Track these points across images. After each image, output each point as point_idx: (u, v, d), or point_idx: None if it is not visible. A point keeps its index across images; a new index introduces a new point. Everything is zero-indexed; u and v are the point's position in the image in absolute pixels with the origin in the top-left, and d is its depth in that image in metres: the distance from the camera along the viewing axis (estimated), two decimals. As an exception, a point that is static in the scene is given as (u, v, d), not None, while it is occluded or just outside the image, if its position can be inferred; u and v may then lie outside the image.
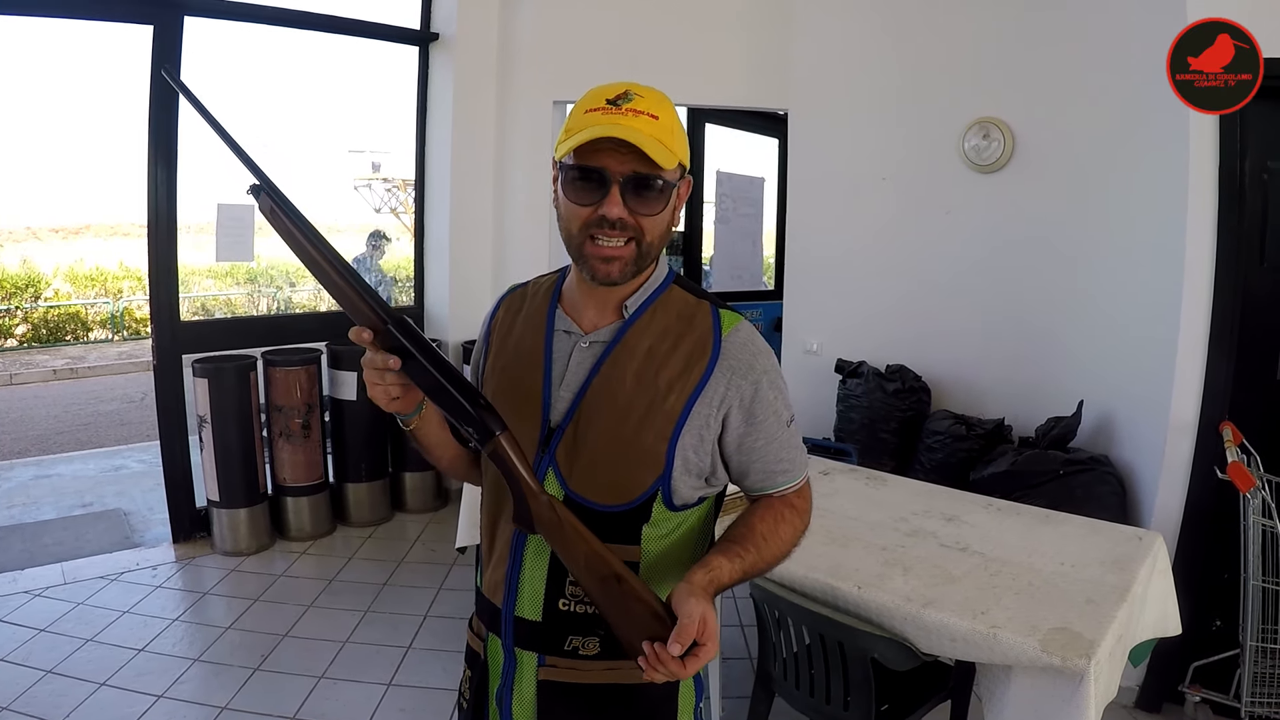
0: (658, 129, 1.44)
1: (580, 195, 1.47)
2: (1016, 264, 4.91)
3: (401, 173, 18.88)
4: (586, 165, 1.45)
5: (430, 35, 6.16)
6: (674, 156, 1.46)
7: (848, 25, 5.49)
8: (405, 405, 1.49)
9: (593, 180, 1.45)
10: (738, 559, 1.47)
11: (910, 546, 2.91)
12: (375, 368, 1.41)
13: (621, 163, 1.43)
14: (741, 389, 1.54)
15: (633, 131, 1.41)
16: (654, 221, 1.49)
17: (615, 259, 1.48)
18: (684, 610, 1.30)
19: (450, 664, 4.07)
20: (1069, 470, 4.08)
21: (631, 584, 1.38)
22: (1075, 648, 2.24)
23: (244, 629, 4.38)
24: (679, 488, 1.54)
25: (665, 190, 1.48)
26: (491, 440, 1.40)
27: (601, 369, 1.55)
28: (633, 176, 1.44)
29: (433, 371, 1.40)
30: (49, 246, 24.31)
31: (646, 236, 1.49)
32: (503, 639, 1.60)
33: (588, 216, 1.47)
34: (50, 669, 3.96)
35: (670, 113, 1.48)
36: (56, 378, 14.43)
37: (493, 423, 1.40)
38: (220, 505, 5.32)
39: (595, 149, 1.43)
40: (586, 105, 1.47)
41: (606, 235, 1.46)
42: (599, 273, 1.49)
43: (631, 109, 1.44)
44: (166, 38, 4.94)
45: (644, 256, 1.51)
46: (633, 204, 1.45)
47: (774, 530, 1.56)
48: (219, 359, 5.33)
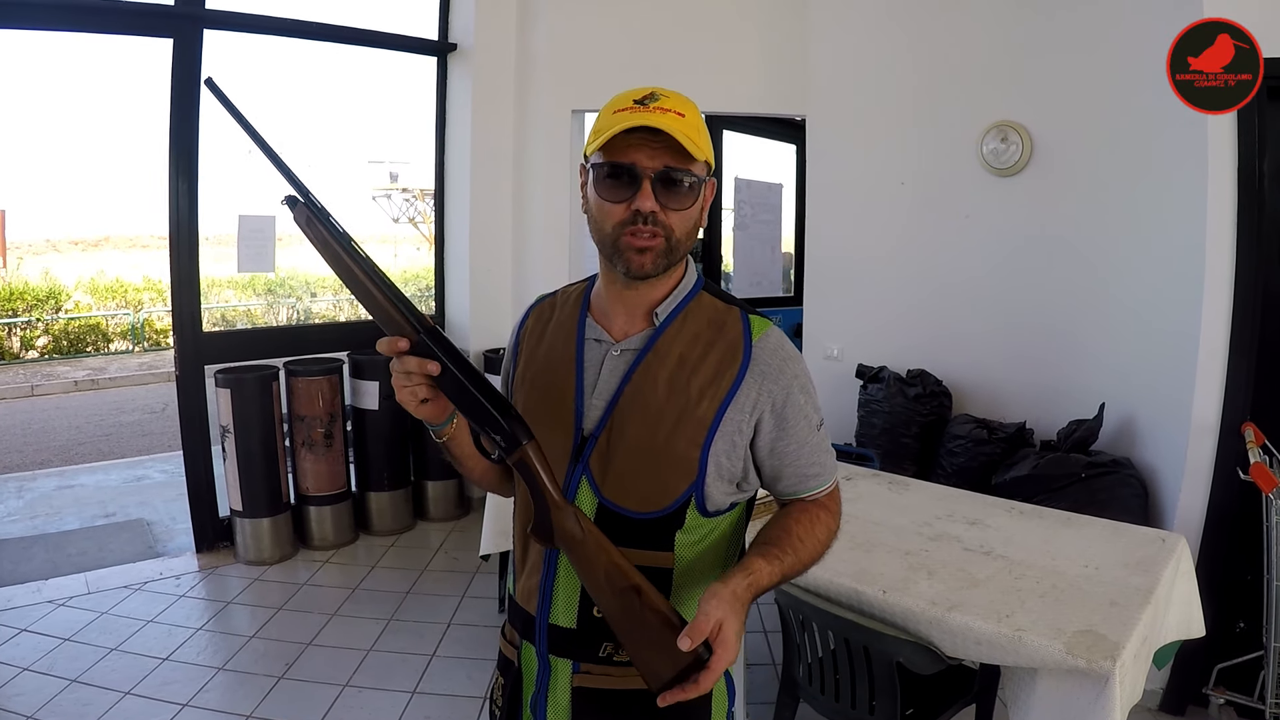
0: (685, 125, 1.45)
1: (612, 192, 1.49)
2: (1036, 267, 4.89)
3: (420, 183, 18.95)
4: (618, 161, 1.47)
5: (449, 46, 6.18)
6: (702, 152, 1.47)
7: (865, 30, 5.49)
8: (434, 411, 1.50)
9: (624, 177, 1.47)
10: (776, 561, 1.47)
11: (934, 550, 2.91)
12: (407, 370, 1.42)
13: (652, 158, 1.45)
14: (773, 394, 1.55)
15: (665, 124, 1.43)
16: (683, 218, 1.51)
17: (648, 249, 1.49)
18: (702, 609, 1.32)
19: (475, 671, 4.08)
20: (1091, 473, 4.06)
21: (649, 596, 1.39)
22: (1100, 650, 2.24)
23: (268, 638, 4.39)
24: (712, 493, 1.54)
25: (694, 188, 1.49)
26: (518, 449, 1.41)
27: (633, 377, 1.56)
28: (663, 172, 1.46)
29: (463, 380, 1.42)
30: (69, 258, 24.40)
31: (676, 233, 1.50)
32: (537, 646, 1.61)
33: (622, 214, 1.48)
34: (75, 678, 3.98)
35: (696, 113, 1.50)
36: (78, 389, 14.47)
37: (520, 432, 1.41)
38: (243, 515, 5.34)
39: (626, 145, 1.45)
40: (614, 106, 1.49)
41: (639, 231, 1.48)
42: (634, 264, 1.50)
43: (659, 107, 1.45)
44: (187, 51, 4.98)
45: (673, 251, 1.52)
46: (663, 199, 1.47)
47: (810, 532, 1.57)
48: (241, 369, 5.34)
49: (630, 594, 1.39)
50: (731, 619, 1.32)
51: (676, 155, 1.45)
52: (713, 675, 1.30)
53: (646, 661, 1.38)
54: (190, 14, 4.97)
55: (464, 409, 1.44)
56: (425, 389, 1.45)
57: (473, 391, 1.42)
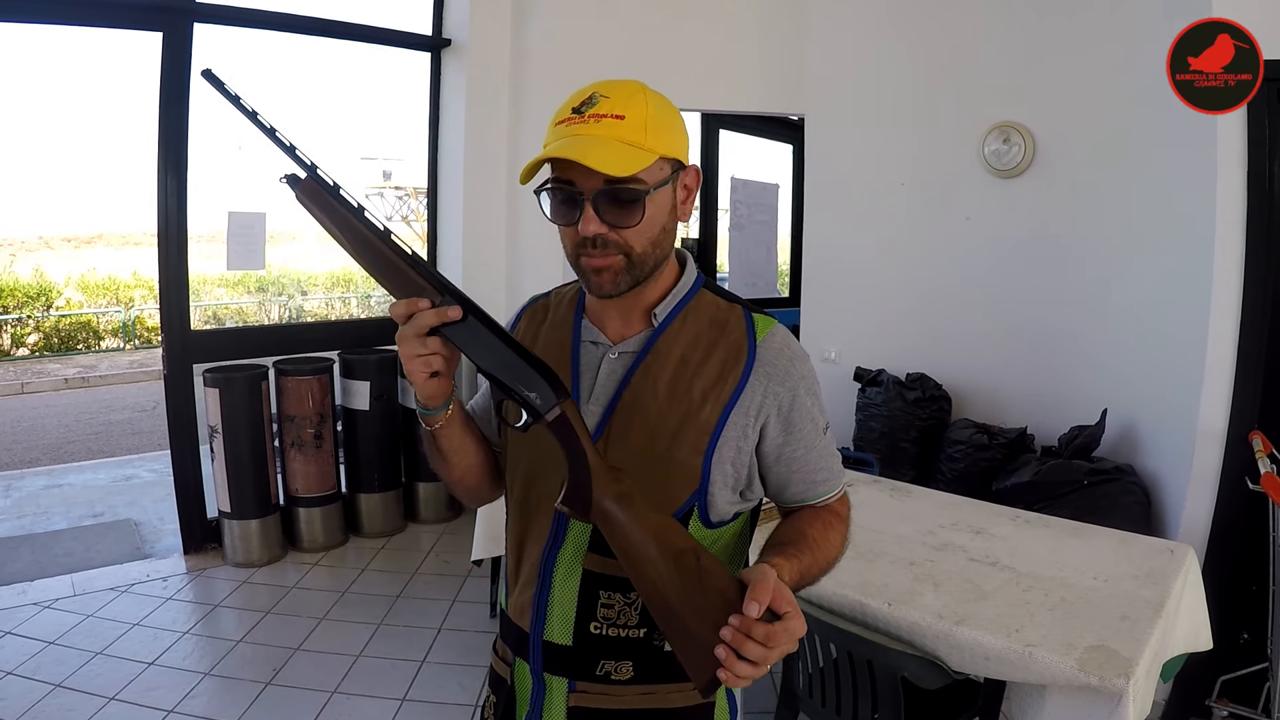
0: (624, 130, 1.35)
1: (559, 214, 1.41)
2: (1038, 270, 4.84)
3: (413, 181, 18.86)
4: (555, 181, 1.38)
5: (442, 41, 6.11)
6: (644, 156, 1.36)
7: (864, 28, 5.45)
8: (439, 388, 1.39)
9: (566, 199, 1.38)
10: (795, 559, 1.37)
11: (939, 561, 2.85)
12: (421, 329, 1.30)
13: (588, 177, 1.34)
14: (779, 396, 1.47)
15: (588, 143, 1.33)
16: (638, 232, 1.40)
17: (604, 269, 1.40)
18: (755, 573, 1.21)
19: (466, 679, 4.01)
20: (1093, 480, 4.03)
21: (706, 560, 1.29)
22: (1113, 666, 2.18)
23: (255, 642, 4.33)
24: (716, 503, 1.47)
25: (642, 198, 1.38)
26: (555, 407, 1.33)
27: (632, 380, 1.48)
28: (603, 190, 1.35)
29: (491, 333, 1.33)
30: (61, 256, 24.34)
31: (636, 248, 1.40)
32: (531, 664, 1.53)
33: (574, 236, 1.40)
34: (59, 683, 3.91)
35: (641, 106, 1.39)
36: (68, 386, 14.43)
37: (558, 389, 1.33)
38: (232, 516, 5.27)
39: (564, 164, 1.35)
40: (557, 116, 1.41)
41: (589, 254, 1.40)
42: (593, 285, 1.43)
43: (594, 114, 1.36)
44: (176, 45, 4.91)
45: (636, 267, 1.42)
46: (610, 218, 1.37)
47: (824, 536, 1.49)
48: (230, 368, 5.28)
49: (688, 556, 1.29)
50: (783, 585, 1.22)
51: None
52: (787, 638, 1.18)
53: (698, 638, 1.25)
54: (180, 7, 4.90)
55: (491, 365, 1.34)
56: (439, 359, 1.34)
57: (505, 346, 1.33)
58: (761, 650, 1.16)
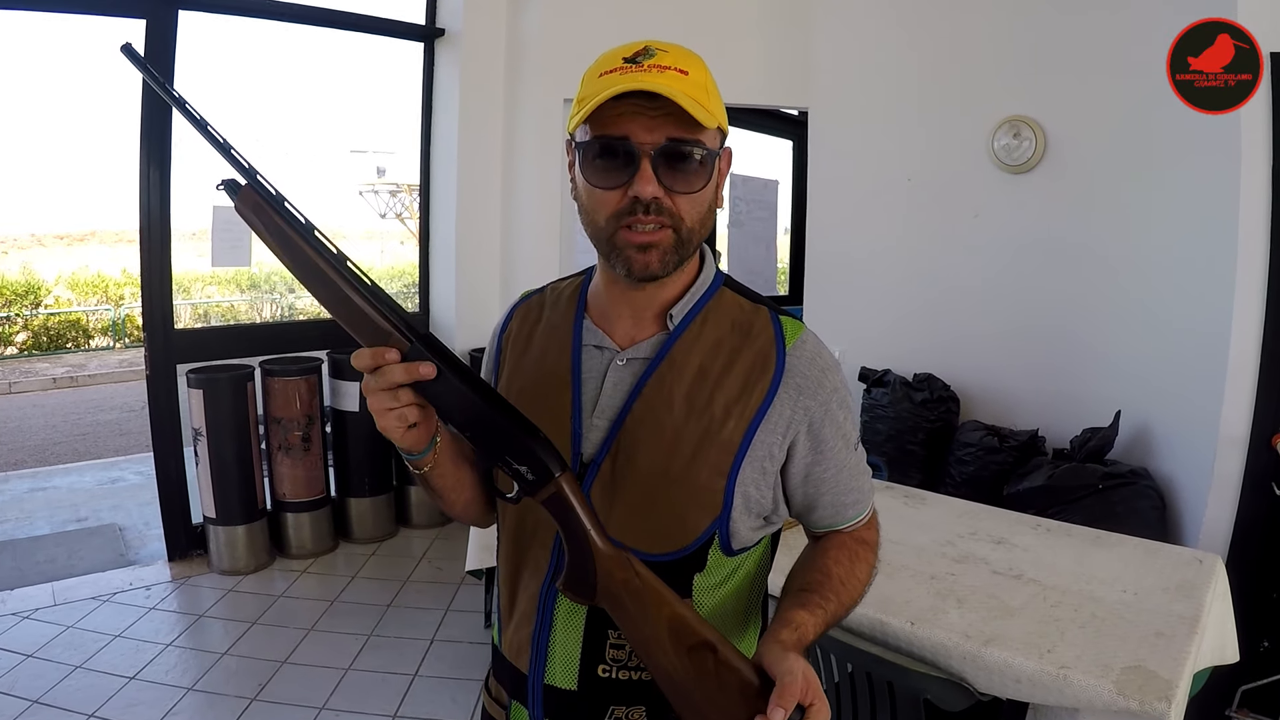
0: (690, 85, 1.19)
1: (604, 176, 1.22)
2: (1049, 268, 4.75)
3: (407, 175, 18.77)
4: (608, 136, 1.20)
5: (436, 31, 5.98)
6: (714, 117, 1.21)
7: (870, 19, 5.35)
8: (422, 436, 1.22)
9: (618, 156, 1.20)
10: (819, 610, 1.24)
11: (961, 574, 2.71)
12: (391, 385, 1.14)
13: (651, 130, 1.18)
14: (810, 410, 1.30)
15: (662, 86, 1.16)
16: (694, 201, 1.24)
17: (653, 246, 1.22)
18: (783, 668, 1.08)
19: (460, 693, 3.88)
20: (1108, 484, 3.96)
21: (725, 652, 1.15)
22: (1153, 689, 2.04)
23: (241, 655, 4.19)
24: (738, 530, 1.30)
25: (706, 162, 1.23)
26: (550, 483, 1.16)
27: (643, 392, 1.30)
28: (666, 146, 1.19)
29: (473, 394, 1.16)
30: (54, 253, 24.35)
31: (686, 221, 1.24)
32: (530, 710, 1.36)
33: (617, 203, 1.22)
34: (37, 699, 3.77)
35: (702, 69, 1.24)
36: (56, 386, 14.37)
37: (553, 462, 1.16)
38: (217, 522, 5.12)
39: (617, 115, 1.18)
40: (600, 68, 1.23)
41: (640, 222, 1.21)
42: (636, 265, 1.24)
43: (655, 65, 1.19)
44: (160, 32, 4.76)
45: (684, 244, 1.25)
46: (669, 180, 1.20)
47: (850, 572, 1.34)
48: (214, 369, 5.14)
49: (703, 652, 1.15)
50: (811, 670, 1.09)
51: (681, 123, 1.18)
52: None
53: None
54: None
55: (474, 433, 1.17)
56: (415, 410, 1.17)
57: (485, 405, 1.16)
58: None
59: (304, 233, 1.17)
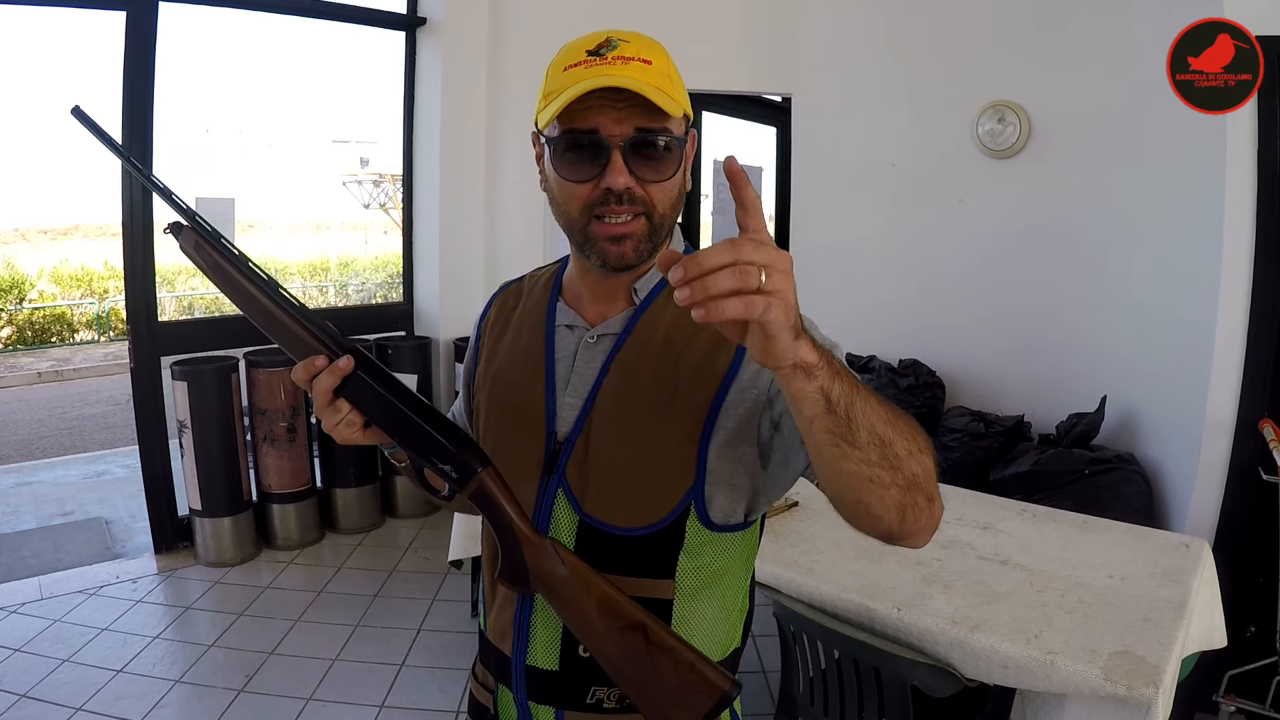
0: (654, 75, 1.21)
1: (576, 170, 1.23)
2: (1034, 253, 4.74)
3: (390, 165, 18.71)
4: (578, 130, 1.21)
5: (418, 20, 5.96)
6: (679, 105, 1.23)
7: (854, 4, 5.34)
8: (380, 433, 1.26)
9: (587, 149, 1.21)
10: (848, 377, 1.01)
11: (947, 560, 2.71)
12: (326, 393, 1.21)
13: (619, 122, 1.20)
14: None
15: (627, 79, 1.18)
16: (664, 189, 1.25)
17: (626, 237, 1.24)
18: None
19: (447, 683, 3.87)
20: (1094, 470, 3.96)
21: (656, 633, 1.16)
22: (1140, 675, 2.05)
23: (228, 646, 4.18)
24: (715, 497, 1.27)
25: (674, 149, 1.24)
26: (473, 479, 1.20)
27: (613, 366, 1.31)
28: (635, 137, 1.20)
29: (389, 397, 1.21)
30: (38, 248, 24.21)
31: (658, 208, 1.25)
32: (514, 692, 1.37)
33: (589, 194, 1.23)
34: (24, 693, 3.76)
35: (663, 57, 1.26)
36: (41, 380, 14.29)
37: (473, 458, 1.20)
38: (203, 514, 5.11)
39: (585, 109, 1.20)
40: (564, 62, 1.24)
41: (614, 212, 1.22)
42: (610, 256, 1.25)
43: (618, 56, 1.21)
44: (140, 24, 4.74)
45: (656, 231, 1.26)
46: (639, 170, 1.21)
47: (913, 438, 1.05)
48: (199, 360, 5.13)
49: (634, 634, 1.16)
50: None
51: (648, 113, 1.19)
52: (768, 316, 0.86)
53: (659, 710, 1.17)
54: (144, -16, 4.73)
55: (399, 435, 1.23)
56: (358, 415, 1.23)
57: (404, 410, 1.21)
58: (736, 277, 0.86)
59: (238, 263, 1.25)
